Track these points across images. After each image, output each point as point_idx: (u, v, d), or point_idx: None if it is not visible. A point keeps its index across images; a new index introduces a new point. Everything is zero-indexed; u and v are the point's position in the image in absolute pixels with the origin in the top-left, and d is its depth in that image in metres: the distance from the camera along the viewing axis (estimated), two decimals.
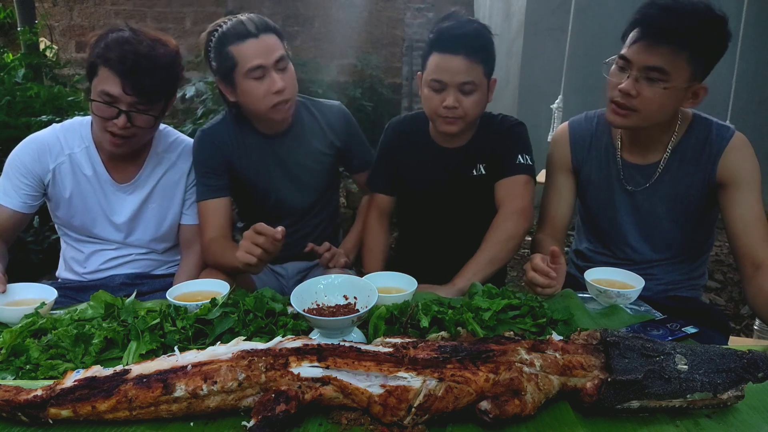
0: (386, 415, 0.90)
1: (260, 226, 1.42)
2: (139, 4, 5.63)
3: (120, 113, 1.54)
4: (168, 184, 1.78)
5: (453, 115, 1.61)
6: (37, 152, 1.68)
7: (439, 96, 1.60)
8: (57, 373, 1.08)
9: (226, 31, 1.62)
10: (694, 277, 1.70)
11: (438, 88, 1.60)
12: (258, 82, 1.62)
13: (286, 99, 1.65)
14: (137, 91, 1.53)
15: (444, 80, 1.58)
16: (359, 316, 1.11)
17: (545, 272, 1.36)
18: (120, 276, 1.81)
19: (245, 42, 1.60)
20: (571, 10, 3.63)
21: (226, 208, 1.78)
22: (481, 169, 1.77)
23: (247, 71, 1.61)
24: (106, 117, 1.55)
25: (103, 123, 1.57)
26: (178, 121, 5.15)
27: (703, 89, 1.44)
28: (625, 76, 1.43)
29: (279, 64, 1.64)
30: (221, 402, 0.92)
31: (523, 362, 0.94)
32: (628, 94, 1.42)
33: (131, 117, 1.55)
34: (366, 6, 5.89)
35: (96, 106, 1.55)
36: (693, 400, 0.93)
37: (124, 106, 1.54)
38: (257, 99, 1.64)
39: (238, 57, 1.61)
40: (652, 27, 1.37)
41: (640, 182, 1.61)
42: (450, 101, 1.59)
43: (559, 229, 1.72)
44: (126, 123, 1.55)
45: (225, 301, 1.28)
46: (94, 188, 1.72)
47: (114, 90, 1.52)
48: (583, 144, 1.69)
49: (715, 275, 3.58)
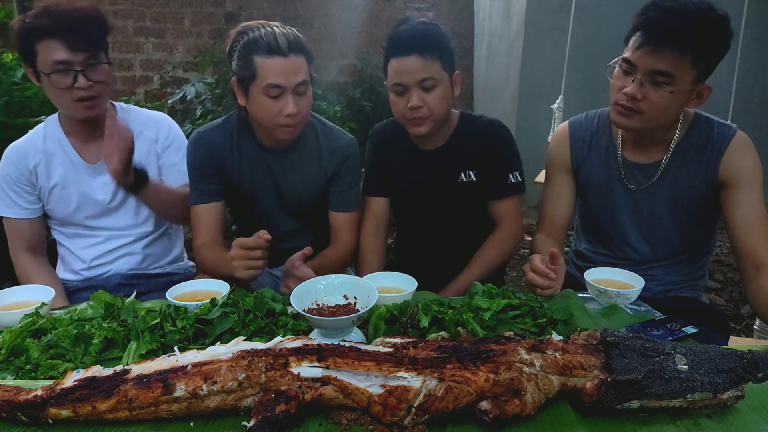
0: (386, 415, 0.90)
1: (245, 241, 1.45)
2: (137, 3, 5.62)
3: (77, 74, 1.60)
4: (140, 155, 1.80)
5: (419, 115, 1.64)
6: (16, 159, 1.77)
7: (403, 98, 1.64)
8: (57, 373, 1.08)
9: (257, 38, 1.56)
10: (695, 277, 1.70)
11: (400, 90, 1.64)
12: (272, 101, 1.58)
13: (296, 123, 1.63)
14: (82, 45, 1.59)
15: (404, 82, 1.62)
16: (359, 316, 1.11)
17: (544, 273, 1.36)
18: (116, 276, 1.83)
19: (272, 58, 1.55)
20: (571, 11, 3.63)
21: (218, 213, 1.77)
22: (471, 176, 1.79)
23: (265, 87, 1.57)
24: (66, 86, 1.61)
25: (67, 94, 1.62)
26: (177, 121, 5.14)
27: (708, 89, 1.44)
28: (629, 79, 1.43)
29: (299, 89, 1.60)
30: (221, 402, 0.92)
31: (523, 362, 0.94)
32: (634, 97, 1.42)
33: (87, 74, 1.62)
34: (366, 6, 5.88)
35: (54, 79, 1.60)
36: (693, 400, 0.93)
37: (78, 66, 1.60)
38: (267, 115, 1.61)
39: (260, 70, 1.56)
40: (655, 31, 1.36)
41: (642, 181, 1.60)
42: (414, 101, 1.62)
43: (559, 229, 1.72)
44: (87, 81, 1.62)
45: (225, 301, 1.28)
46: (70, 174, 1.78)
47: (62, 54, 1.58)
48: (583, 144, 1.69)
49: (715, 275, 3.58)
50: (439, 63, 1.62)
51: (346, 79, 5.82)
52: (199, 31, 5.76)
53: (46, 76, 1.60)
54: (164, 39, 5.76)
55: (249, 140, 1.77)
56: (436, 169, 1.80)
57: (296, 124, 1.64)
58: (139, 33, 5.73)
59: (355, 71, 5.84)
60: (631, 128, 1.52)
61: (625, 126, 1.50)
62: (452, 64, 1.67)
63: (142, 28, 5.72)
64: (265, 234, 1.45)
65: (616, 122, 1.51)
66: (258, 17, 5.67)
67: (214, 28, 5.71)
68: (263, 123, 1.65)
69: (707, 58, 1.39)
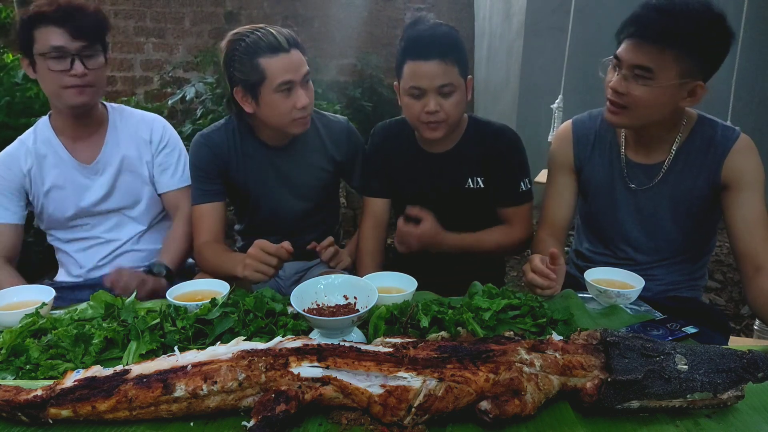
0: (386, 415, 0.90)
1: (268, 246, 1.46)
2: (138, 3, 5.62)
3: (74, 60, 1.61)
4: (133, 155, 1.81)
5: (435, 119, 1.61)
6: (9, 163, 1.76)
7: (420, 102, 1.61)
8: (57, 373, 1.08)
9: (256, 41, 1.59)
10: (695, 278, 1.70)
11: (417, 94, 1.60)
12: (285, 97, 1.61)
13: (308, 114, 1.67)
14: (81, 35, 1.61)
15: (422, 86, 1.58)
16: (359, 316, 1.11)
17: (544, 273, 1.36)
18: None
19: (277, 56, 1.58)
20: (571, 10, 3.63)
21: (220, 212, 1.79)
22: (479, 182, 1.78)
23: (277, 86, 1.59)
24: (61, 69, 1.61)
25: (61, 78, 1.62)
26: (177, 122, 5.15)
27: (701, 87, 1.42)
28: (616, 74, 1.45)
29: (305, 80, 1.64)
30: (221, 402, 0.92)
31: (523, 362, 0.94)
32: (617, 91, 1.44)
33: (84, 61, 1.63)
34: (366, 6, 5.88)
35: (50, 62, 1.61)
36: (693, 400, 0.93)
37: (74, 52, 1.61)
38: (282, 113, 1.63)
39: (269, 70, 1.58)
40: (638, 26, 1.38)
41: (644, 182, 1.60)
42: (431, 106, 1.59)
43: (560, 229, 1.72)
44: (83, 69, 1.62)
45: (225, 301, 1.28)
46: (64, 175, 1.77)
47: (60, 40, 1.60)
48: (587, 143, 1.69)
49: (715, 275, 3.58)
50: (457, 68, 1.60)
51: (346, 78, 5.82)
52: (200, 30, 5.76)
53: (42, 57, 1.61)
54: (164, 39, 5.76)
55: (251, 140, 1.78)
56: (442, 173, 1.79)
57: (308, 115, 1.67)
58: (140, 33, 5.73)
59: (355, 71, 5.85)
60: (622, 125, 1.53)
61: (616, 123, 1.51)
62: (467, 69, 1.66)
63: (142, 28, 5.72)
64: (288, 246, 1.47)
65: (607, 120, 1.53)
66: (258, 17, 5.67)
67: (214, 27, 5.71)
68: (278, 122, 1.66)
69: (703, 57, 1.38)
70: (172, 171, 1.86)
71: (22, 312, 1.26)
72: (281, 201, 1.84)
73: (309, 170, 1.83)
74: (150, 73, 5.80)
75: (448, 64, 1.57)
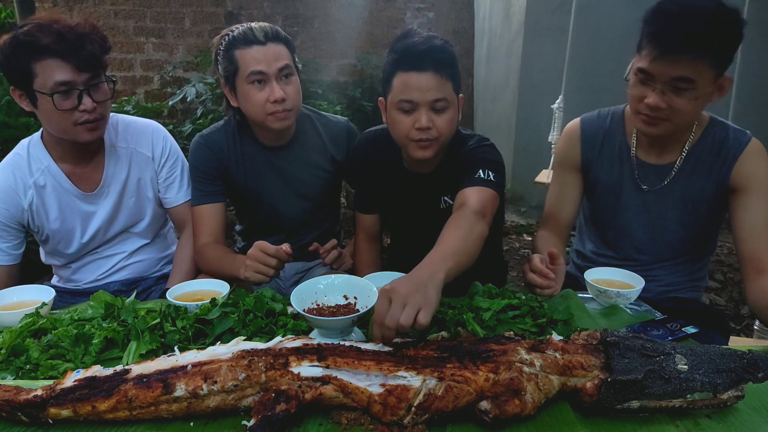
0: (386, 415, 0.90)
1: (267, 247, 1.45)
2: (138, 3, 5.62)
3: (81, 94, 1.50)
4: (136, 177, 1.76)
5: (427, 136, 1.47)
6: (4, 198, 1.63)
7: (410, 117, 1.47)
8: (57, 373, 1.08)
9: (236, 35, 1.62)
10: (696, 278, 1.70)
11: (408, 108, 1.47)
12: (257, 89, 1.61)
13: (286, 108, 1.63)
14: (87, 66, 1.49)
15: (414, 99, 1.45)
16: (359, 316, 1.11)
17: (544, 273, 1.35)
18: (115, 283, 1.81)
19: (251, 47, 1.60)
20: (571, 10, 3.63)
21: (220, 213, 1.78)
22: (448, 201, 1.66)
23: (248, 76, 1.60)
24: (71, 108, 1.49)
25: (71, 116, 1.51)
26: (178, 122, 5.15)
27: (728, 80, 1.42)
28: (648, 89, 1.41)
29: (282, 73, 1.62)
30: (221, 402, 0.92)
31: (523, 362, 0.94)
32: (658, 107, 1.40)
33: (92, 94, 1.52)
34: (366, 6, 5.89)
35: (58, 101, 1.48)
36: (693, 400, 0.93)
37: (81, 86, 1.50)
38: (255, 105, 1.63)
39: (241, 61, 1.61)
40: (669, 41, 1.33)
41: (655, 182, 1.60)
42: (423, 121, 1.45)
43: (562, 227, 1.71)
44: (92, 103, 1.51)
45: (225, 301, 1.28)
46: (67, 206, 1.69)
47: (66, 75, 1.47)
48: (595, 142, 1.67)
49: (715, 275, 3.58)
50: (452, 84, 1.49)
51: (346, 79, 5.83)
52: (200, 30, 5.76)
53: (47, 97, 1.47)
54: (165, 39, 5.77)
55: (250, 141, 1.78)
56: (421, 195, 1.69)
57: (286, 110, 1.63)
58: (140, 33, 5.73)
59: (355, 71, 5.85)
60: (661, 135, 1.49)
61: (656, 134, 1.47)
62: (460, 86, 1.56)
63: (142, 28, 5.72)
64: (288, 248, 1.47)
65: (645, 132, 1.49)
66: (258, 16, 5.67)
67: (214, 27, 5.71)
68: (254, 115, 1.65)
69: (729, 53, 1.37)
70: (177, 185, 1.82)
71: (22, 312, 1.26)
72: (281, 201, 1.83)
73: (309, 170, 1.83)
74: (150, 73, 5.80)
75: (444, 78, 1.46)
